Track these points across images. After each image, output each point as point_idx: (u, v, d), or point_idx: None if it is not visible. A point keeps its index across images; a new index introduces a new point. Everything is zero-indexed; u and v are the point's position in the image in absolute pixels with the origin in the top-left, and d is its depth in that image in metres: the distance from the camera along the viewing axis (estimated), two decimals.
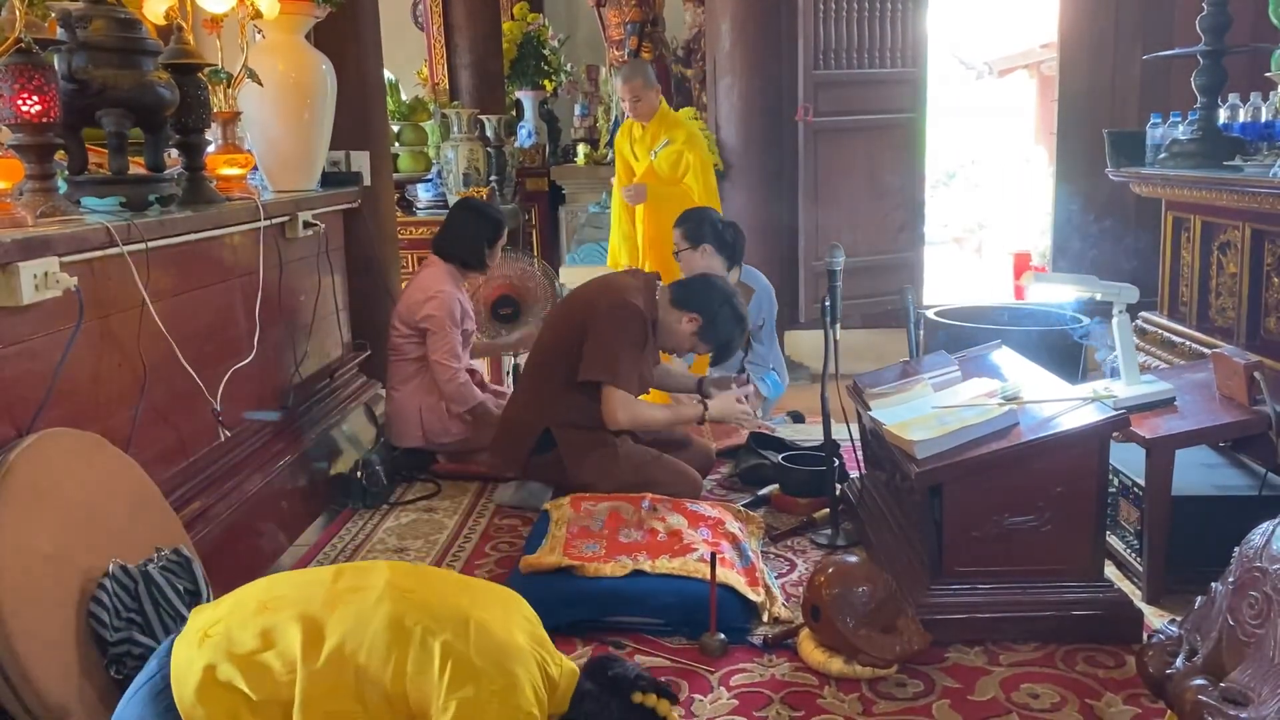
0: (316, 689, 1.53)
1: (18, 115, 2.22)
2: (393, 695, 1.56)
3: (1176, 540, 2.56)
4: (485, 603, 1.72)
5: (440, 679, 1.54)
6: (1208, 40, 3.66)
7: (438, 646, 1.56)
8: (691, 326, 3.26)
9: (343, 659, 1.55)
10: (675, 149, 4.79)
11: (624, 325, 3.20)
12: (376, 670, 1.55)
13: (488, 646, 1.59)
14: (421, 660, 1.55)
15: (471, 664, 1.55)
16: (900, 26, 5.70)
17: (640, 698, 1.72)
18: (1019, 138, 13.40)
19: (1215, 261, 3.52)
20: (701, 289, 3.31)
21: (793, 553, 2.98)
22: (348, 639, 1.56)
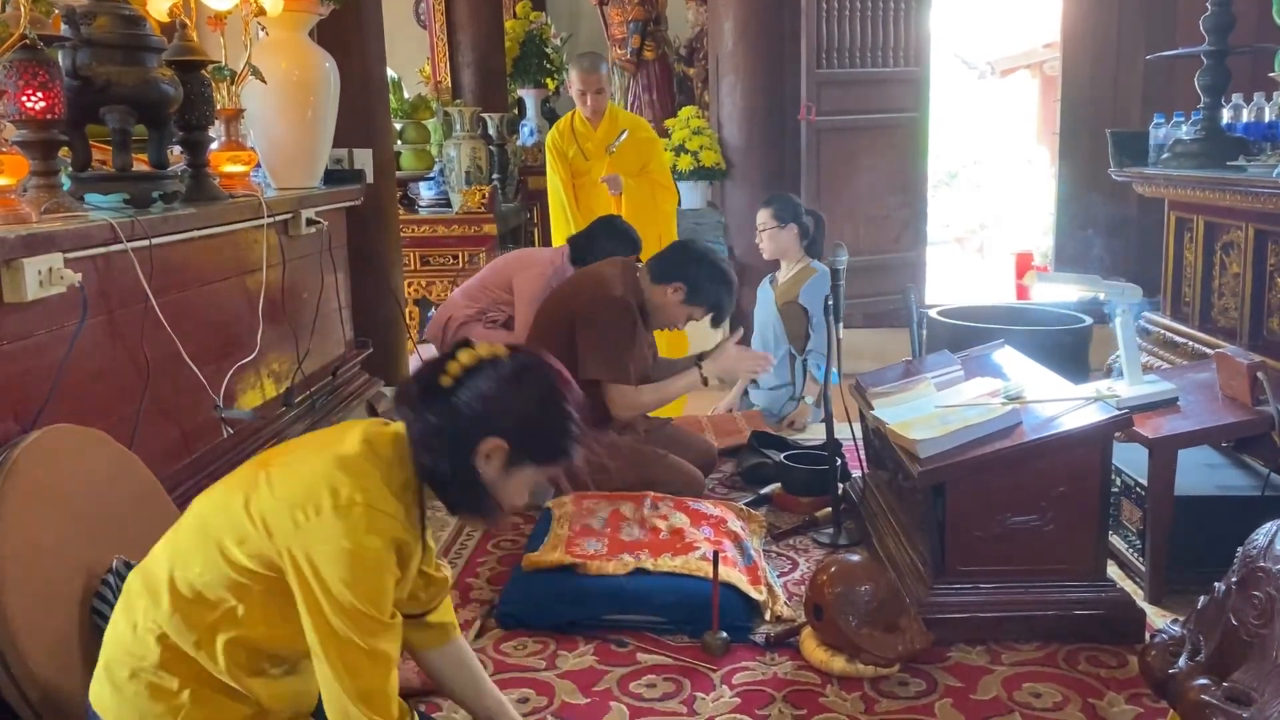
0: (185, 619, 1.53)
1: (22, 111, 2.22)
2: (256, 575, 1.51)
3: (1179, 540, 2.56)
4: (291, 448, 1.67)
5: (265, 535, 1.49)
6: (1211, 40, 3.65)
7: (243, 512, 1.52)
8: (678, 296, 3.29)
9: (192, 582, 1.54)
10: (637, 139, 4.74)
11: (610, 318, 3.22)
12: (236, 555, 1.51)
13: (284, 483, 1.53)
14: (240, 532, 1.51)
15: (276, 508, 1.50)
16: (903, 26, 5.70)
17: (449, 376, 1.57)
18: (1021, 138, 13.40)
19: (1218, 262, 3.52)
20: (675, 256, 3.36)
21: (795, 552, 2.98)
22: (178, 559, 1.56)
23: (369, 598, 1.48)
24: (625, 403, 3.21)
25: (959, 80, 14.20)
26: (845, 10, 5.56)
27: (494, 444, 1.56)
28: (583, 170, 4.78)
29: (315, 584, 1.47)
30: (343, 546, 1.46)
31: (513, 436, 1.57)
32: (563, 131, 4.81)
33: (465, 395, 1.56)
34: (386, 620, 1.52)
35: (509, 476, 1.61)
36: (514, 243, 5.69)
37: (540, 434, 1.61)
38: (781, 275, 4.40)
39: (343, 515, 1.47)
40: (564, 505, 2.97)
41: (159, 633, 1.53)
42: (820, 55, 5.52)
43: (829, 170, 5.60)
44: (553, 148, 4.79)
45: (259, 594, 1.52)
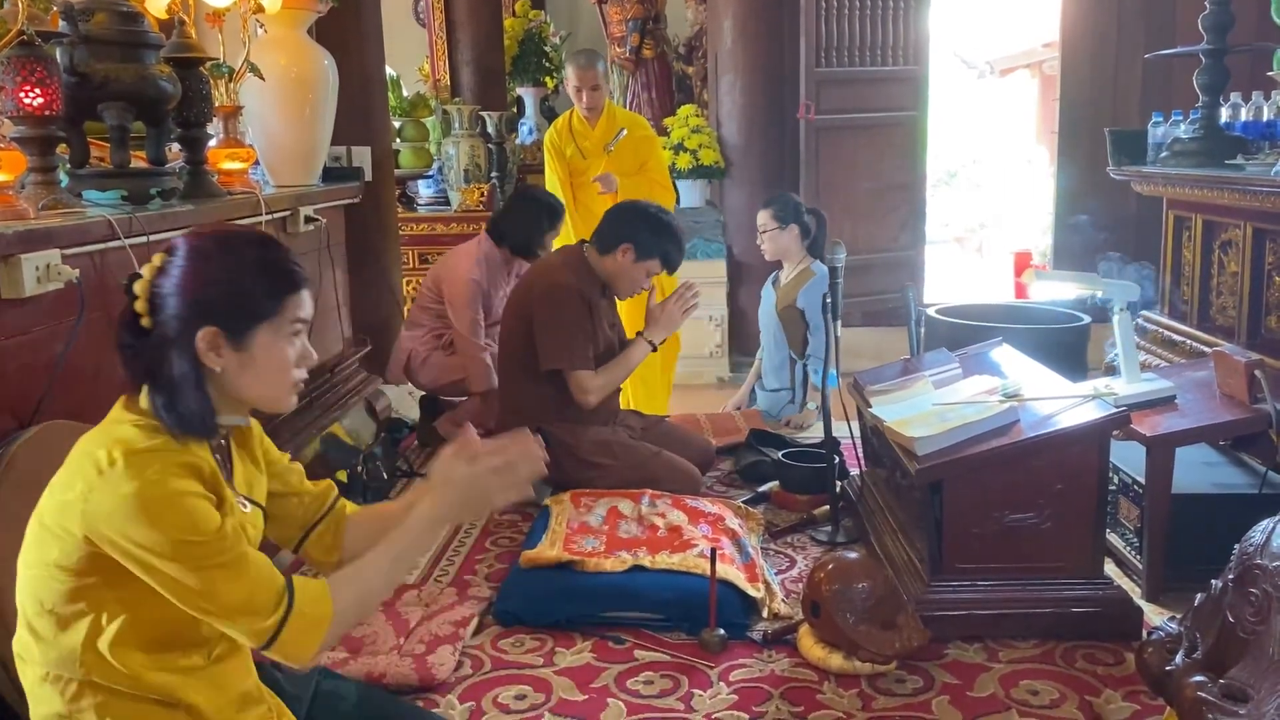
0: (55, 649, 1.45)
1: (20, 108, 2.22)
2: (89, 568, 1.43)
3: (1176, 538, 2.56)
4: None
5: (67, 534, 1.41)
6: (1210, 39, 3.66)
7: (41, 528, 1.45)
8: (628, 258, 3.30)
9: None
10: (635, 138, 4.63)
11: (560, 306, 3.25)
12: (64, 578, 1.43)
13: (57, 480, 1.46)
14: (49, 545, 1.43)
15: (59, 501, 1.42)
16: (902, 25, 5.70)
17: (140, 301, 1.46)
18: (1020, 137, 13.40)
19: (1216, 260, 3.52)
20: (612, 221, 3.40)
21: (792, 549, 2.98)
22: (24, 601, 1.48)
23: (184, 528, 1.38)
24: (585, 387, 3.24)
25: (958, 80, 14.20)
26: (845, 9, 5.55)
27: (203, 334, 1.45)
28: (581, 169, 4.68)
29: (133, 547, 1.38)
30: (124, 495, 1.37)
31: (219, 319, 1.46)
32: (560, 130, 4.73)
33: (162, 314, 1.46)
34: (219, 535, 1.41)
35: (239, 359, 1.48)
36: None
37: (242, 299, 1.48)
38: (784, 276, 4.39)
39: (112, 472, 1.38)
40: (562, 503, 2.97)
41: (49, 674, 1.46)
42: (819, 54, 5.51)
43: (828, 169, 5.60)
44: (550, 146, 4.71)
45: (107, 589, 1.43)
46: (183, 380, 1.45)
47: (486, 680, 2.26)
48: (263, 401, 1.55)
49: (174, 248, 1.50)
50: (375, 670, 2.22)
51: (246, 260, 1.51)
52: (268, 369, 1.51)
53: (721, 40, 5.70)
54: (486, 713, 2.13)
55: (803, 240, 4.29)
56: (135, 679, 1.45)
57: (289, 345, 1.52)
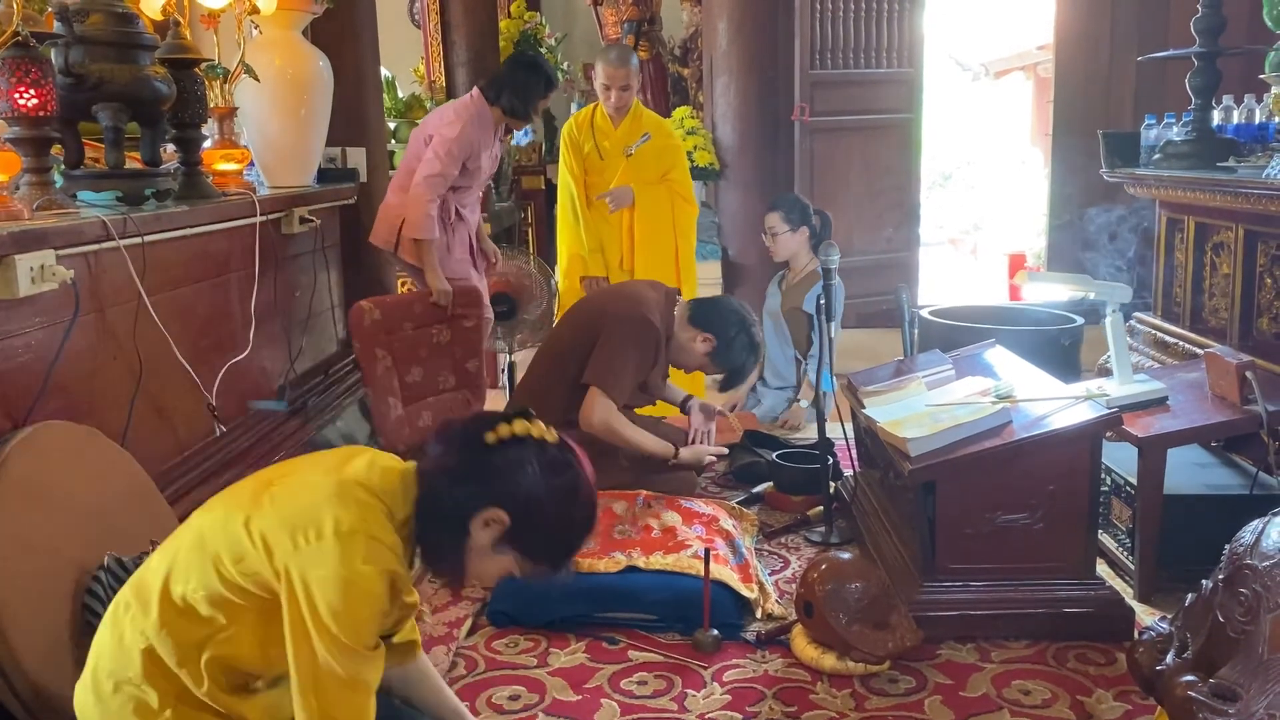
0: (172, 634, 1.52)
1: (14, 109, 2.22)
2: (250, 595, 1.51)
3: (1168, 539, 2.57)
4: (295, 468, 1.66)
5: (263, 554, 1.48)
6: (1202, 42, 3.67)
7: (243, 530, 1.51)
8: (706, 347, 3.24)
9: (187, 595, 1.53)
10: (659, 145, 4.33)
11: (634, 338, 3.16)
12: (233, 575, 1.50)
13: (286, 503, 1.52)
14: (237, 550, 1.50)
15: (277, 527, 1.49)
16: (897, 27, 5.72)
17: (496, 434, 1.57)
18: (1015, 139, 13.42)
19: (1209, 262, 3.54)
20: (721, 311, 3.28)
21: (786, 550, 2.99)
22: (175, 572, 1.54)
23: (356, 627, 1.47)
24: (600, 416, 3.12)
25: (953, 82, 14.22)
26: (839, 11, 5.57)
27: (497, 515, 1.55)
28: (597, 169, 4.38)
29: (305, 607, 1.45)
30: (339, 573, 1.45)
31: (517, 520, 1.56)
32: (580, 124, 4.40)
33: (499, 459, 1.55)
34: (369, 651, 1.51)
35: (492, 553, 1.59)
36: (509, 243, 5.69)
37: (543, 533, 1.60)
38: (791, 277, 4.39)
39: (343, 542, 1.46)
40: None
41: (145, 645, 1.52)
42: (814, 56, 5.53)
43: (822, 170, 5.62)
44: (568, 140, 4.38)
45: (250, 615, 1.51)
46: (454, 515, 1.55)
47: (480, 680, 2.27)
48: (449, 569, 1.65)
49: (569, 455, 1.61)
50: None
51: (572, 526, 1.63)
52: (483, 567, 1.62)
53: (716, 42, 5.71)
54: (480, 713, 2.14)
55: (811, 242, 4.27)
56: (209, 689, 1.52)
57: (506, 571, 1.63)
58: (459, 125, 3.65)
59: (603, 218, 4.32)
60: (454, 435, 1.60)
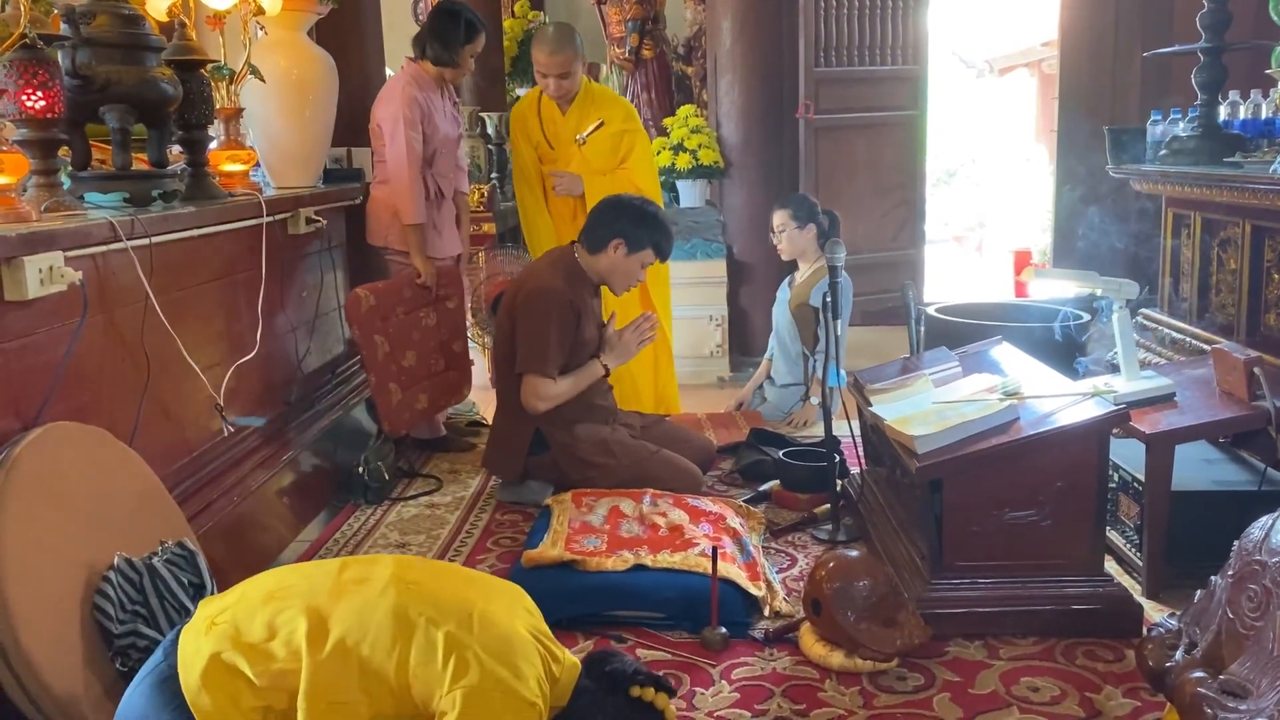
0: (321, 679, 1.54)
1: (22, 111, 2.22)
2: (397, 687, 1.56)
3: (1176, 535, 2.57)
4: (489, 595, 1.72)
5: (444, 670, 1.54)
6: (1208, 37, 3.67)
7: (441, 637, 1.56)
8: (620, 253, 3.30)
9: (347, 650, 1.56)
10: (615, 130, 4.01)
11: (541, 311, 3.22)
12: (380, 661, 1.56)
13: (491, 638, 1.59)
14: (426, 651, 1.56)
15: (475, 655, 1.55)
16: (901, 24, 5.71)
17: (638, 691, 1.71)
18: (1019, 136, 13.40)
19: (1215, 258, 3.53)
20: (598, 219, 3.36)
21: (793, 548, 2.99)
22: (352, 630, 1.57)
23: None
24: (539, 393, 3.20)
25: (957, 79, 14.20)
26: (843, 9, 5.57)
27: None
28: (549, 158, 4.08)
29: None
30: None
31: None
32: (527, 111, 4.06)
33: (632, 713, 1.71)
34: None
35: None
36: (513, 242, 5.69)
37: None
38: (799, 276, 4.40)
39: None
40: (563, 503, 2.98)
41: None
42: (819, 53, 5.52)
43: (827, 168, 5.61)
44: (516, 125, 4.10)
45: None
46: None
47: None
48: None
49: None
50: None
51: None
52: None
53: (720, 40, 5.71)
54: None
55: (818, 240, 4.29)
56: None
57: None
58: (396, 93, 3.61)
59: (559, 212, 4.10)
60: (605, 677, 1.74)
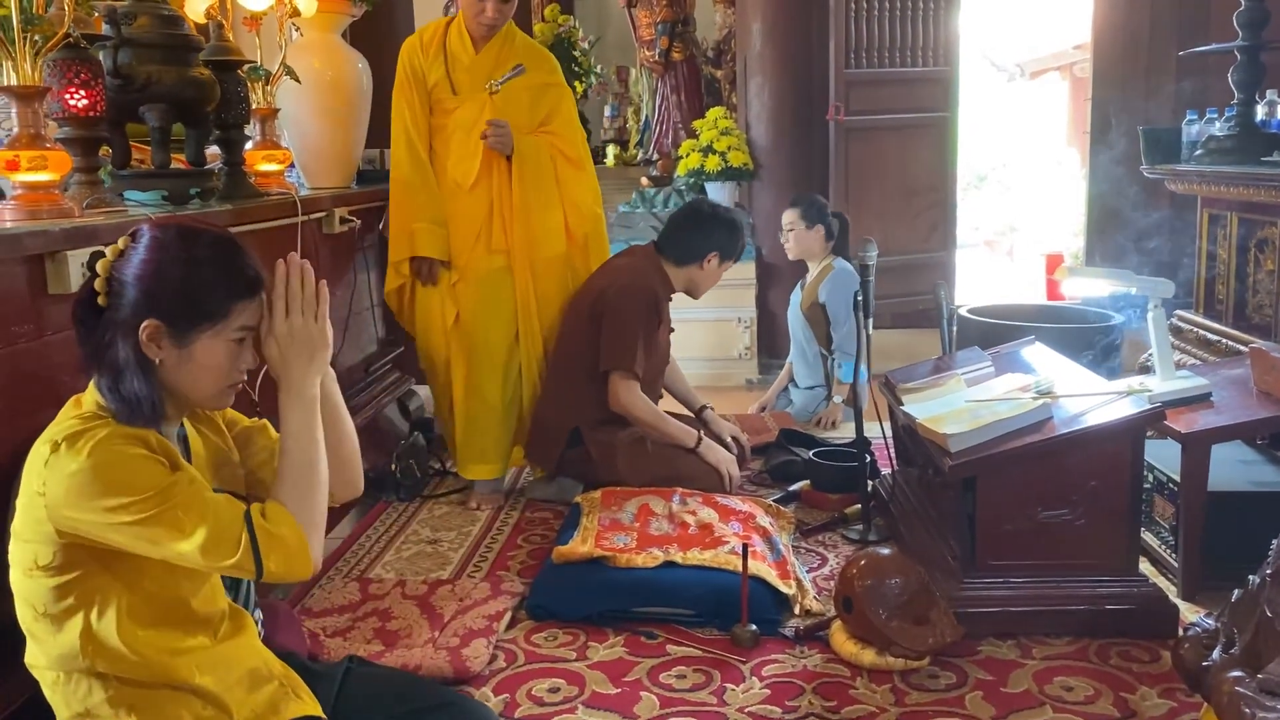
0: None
1: (65, 109, 2.27)
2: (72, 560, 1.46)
3: (1212, 536, 2.55)
4: None
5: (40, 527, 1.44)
6: (1245, 35, 3.63)
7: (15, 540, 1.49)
8: (715, 262, 3.40)
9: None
10: (537, 83, 3.33)
11: (632, 310, 3.23)
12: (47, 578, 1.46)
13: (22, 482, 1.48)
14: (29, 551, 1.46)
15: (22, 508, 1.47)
16: (932, 26, 5.68)
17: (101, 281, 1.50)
18: (1051, 140, 13.31)
19: (1252, 259, 3.49)
20: (691, 230, 3.40)
21: (824, 547, 2.98)
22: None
23: (135, 484, 1.41)
24: (627, 399, 3.20)
25: (988, 83, 14.12)
26: (874, 10, 5.54)
27: (146, 326, 1.48)
28: (445, 108, 3.27)
29: (96, 517, 1.41)
30: (74, 471, 1.40)
31: (162, 313, 1.49)
32: (428, 44, 3.28)
33: (114, 299, 1.50)
34: (167, 485, 1.43)
35: (180, 354, 1.51)
36: None
37: (188, 294, 1.51)
38: (808, 277, 4.41)
39: (58, 457, 1.42)
40: (593, 500, 2.99)
41: (61, 677, 1.49)
42: (849, 55, 5.50)
43: (857, 170, 5.58)
44: (408, 65, 3.27)
45: (87, 577, 1.47)
46: (126, 365, 1.49)
47: (520, 673, 2.28)
48: (195, 400, 1.58)
49: (139, 234, 1.54)
50: (410, 662, 2.24)
51: (202, 260, 1.53)
52: (204, 369, 1.54)
53: (750, 43, 5.71)
54: (521, 705, 2.15)
55: (826, 241, 4.31)
56: (142, 664, 1.48)
57: (229, 350, 1.55)
58: None
59: (456, 184, 3.30)
60: (74, 312, 1.54)
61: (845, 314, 4.16)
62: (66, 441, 1.43)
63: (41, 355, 1.96)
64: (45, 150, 2.07)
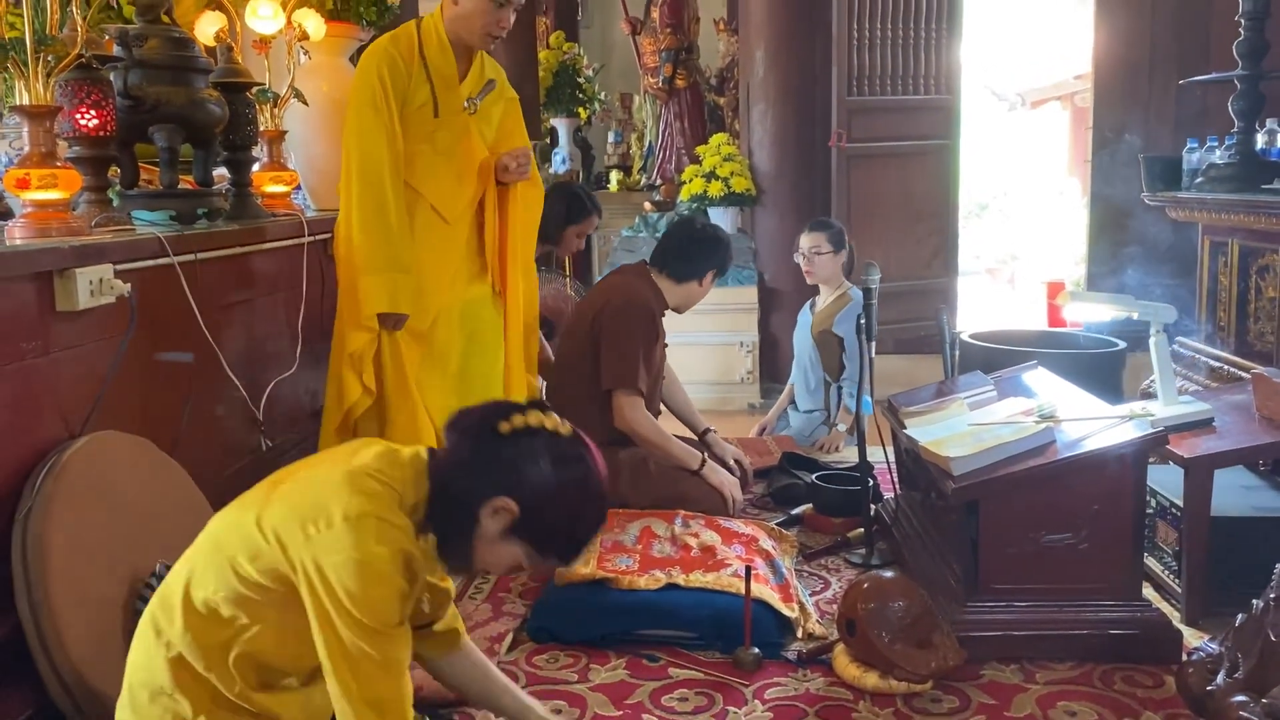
0: (197, 638, 1.54)
1: (76, 129, 2.29)
2: (268, 590, 1.53)
3: (1215, 562, 2.54)
4: (305, 464, 1.68)
5: (277, 549, 1.50)
6: (1245, 65, 3.66)
7: (255, 529, 1.53)
8: (711, 280, 3.46)
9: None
10: (507, 96, 3.07)
11: (628, 328, 3.26)
12: (249, 573, 1.52)
13: (297, 497, 1.54)
14: (252, 548, 1.52)
15: (289, 520, 1.51)
16: (934, 55, 5.73)
17: (510, 425, 1.58)
18: (1052, 169, 13.38)
19: (1254, 285, 3.51)
20: (689, 248, 3.43)
21: (827, 571, 2.97)
22: (195, 578, 1.57)
23: (377, 608, 1.49)
24: (632, 416, 3.23)
25: (989, 112, 14.22)
26: (876, 39, 5.60)
27: (507, 505, 1.56)
28: (424, 133, 2.83)
29: (325, 595, 1.48)
30: (352, 557, 1.47)
31: (526, 511, 1.57)
32: (405, 54, 2.79)
33: (510, 450, 1.56)
34: (394, 630, 1.53)
35: (501, 542, 1.60)
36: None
37: (552, 525, 1.61)
38: (820, 301, 4.41)
39: (353, 527, 1.48)
40: None
41: (173, 654, 1.54)
42: (851, 82, 5.55)
43: (859, 196, 5.62)
44: (384, 80, 2.74)
45: (271, 610, 1.53)
46: (464, 503, 1.57)
47: None
48: (457, 558, 1.65)
49: (582, 447, 1.62)
50: (413, 683, 2.23)
51: (582, 520, 1.64)
52: (491, 556, 1.63)
53: (753, 70, 5.76)
54: None
55: (846, 269, 4.33)
56: (241, 690, 1.54)
57: (514, 561, 1.64)
58: None
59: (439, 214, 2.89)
60: (469, 424, 1.61)
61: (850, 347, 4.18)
62: (361, 521, 1.49)
63: (48, 371, 1.98)
64: (55, 169, 2.09)
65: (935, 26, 5.70)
